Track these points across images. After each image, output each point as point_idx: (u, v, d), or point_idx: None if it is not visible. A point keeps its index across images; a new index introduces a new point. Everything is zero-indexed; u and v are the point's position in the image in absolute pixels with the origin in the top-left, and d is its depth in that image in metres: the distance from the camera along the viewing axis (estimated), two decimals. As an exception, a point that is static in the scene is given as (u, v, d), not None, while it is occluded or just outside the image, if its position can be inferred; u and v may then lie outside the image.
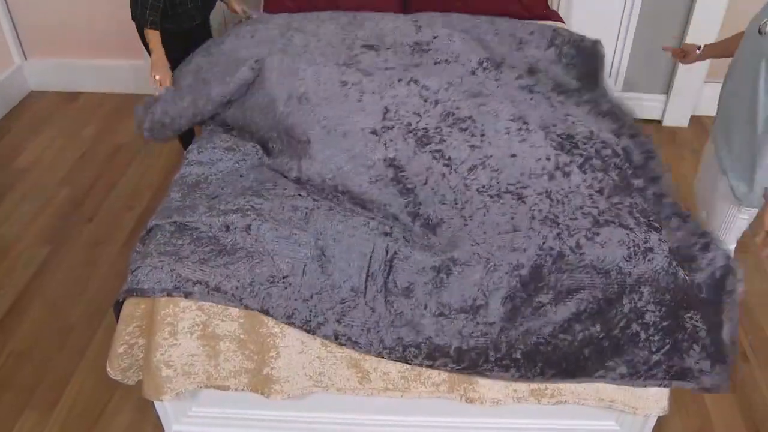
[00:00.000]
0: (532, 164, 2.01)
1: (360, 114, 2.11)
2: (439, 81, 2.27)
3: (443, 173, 1.99)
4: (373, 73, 2.30)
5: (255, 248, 1.83)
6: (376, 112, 2.12)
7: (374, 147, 2.04)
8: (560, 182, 1.97)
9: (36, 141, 3.65)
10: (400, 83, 2.24)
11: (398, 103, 2.16)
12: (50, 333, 2.56)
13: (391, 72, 2.30)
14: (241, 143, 2.22)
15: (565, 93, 2.43)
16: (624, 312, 1.81)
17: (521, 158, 2.02)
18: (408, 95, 2.20)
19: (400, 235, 1.84)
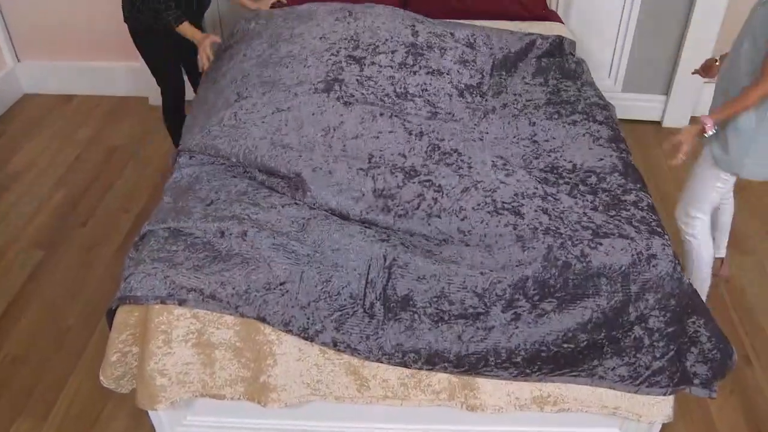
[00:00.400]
0: (524, 187, 2.01)
1: (345, 159, 2.07)
2: (419, 120, 2.25)
3: (435, 198, 1.96)
4: (353, 104, 2.25)
5: (251, 255, 1.80)
6: (362, 158, 2.09)
7: (362, 180, 2.00)
8: (554, 203, 1.95)
9: (30, 144, 3.61)
10: (383, 117, 2.22)
11: (382, 147, 2.12)
12: (46, 336, 2.52)
13: (372, 107, 2.25)
14: (228, 152, 2.18)
15: (556, 110, 2.41)
16: (630, 321, 1.78)
17: (511, 186, 2.01)
18: (392, 130, 2.18)
19: (398, 242, 1.81)
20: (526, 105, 2.44)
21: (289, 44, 2.53)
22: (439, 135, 2.18)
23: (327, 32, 2.56)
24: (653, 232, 1.87)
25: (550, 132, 2.28)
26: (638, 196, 1.99)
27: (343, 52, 2.45)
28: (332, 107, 2.23)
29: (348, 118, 2.20)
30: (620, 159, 2.15)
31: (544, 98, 2.47)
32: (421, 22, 2.65)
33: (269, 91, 2.29)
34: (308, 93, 2.27)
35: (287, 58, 2.44)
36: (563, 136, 2.26)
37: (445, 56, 2.51)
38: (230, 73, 2.50)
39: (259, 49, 2.57)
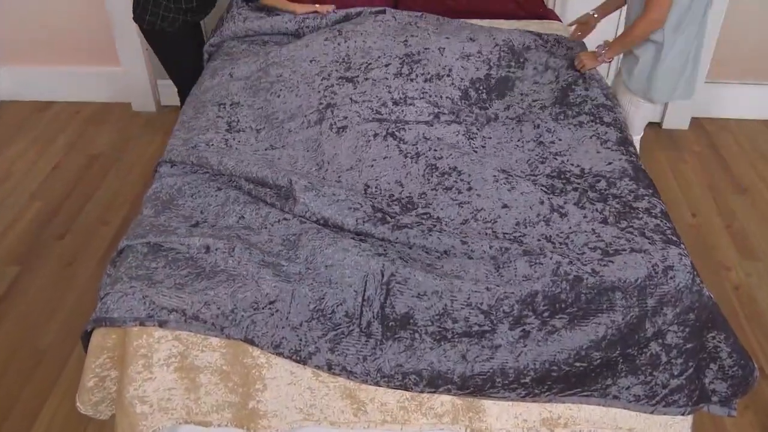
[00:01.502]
0: (526, 213, 1.87)
1: (340, 190, 1.94)
2: (415, 132, 2.13)
3: (432, 225, 1.83)
4: (347, 127, 2.14)
5: (237, 271, 1.66)
6: (357, 190, 1.97)
7: (361, 200, 1.88)
8: (559, 225, 1.82)
9: (6, 153, 3.46)
10: (377, 139, 2.10)
11: (378, 176, 2.01)
12: (21, 358, 2.37)
13: (366, 126, 2.14)
14: (213, 161, 2.04)
15: (562, 110, 2.29)
16: (647, 337, 1.66)
17: (514, 208, 1.88)
18: (387, 155, 2.06)
19: (396, 256, 1.68)
20: (531, 105, 2.32)
21: (279, 67, 2.42)
22: (436, 153, 2.05)
23: (317, 54, 2.46)
24: (668, 241, 1.75)
25: (556, 134, 2.16)
26: (651, 203, 1.88)
27: (334, 75, 2.34)
28: (326, 139, 2.13)
29: (341, 149, 2.10)
30: (630, 162, 2.03)
31: (551, 98, 2.35)
32: (413, 34, 2.52)
33: (263, 129, 2.20)
34: (301, 128, 2.19)
35: (278, 84, 2.33)
36: (569, 138, 2.14)
37: (444, 54, 2.39)
38: (215, 92, 2.39)
39: (247, 69, 2.47)
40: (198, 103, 2.37)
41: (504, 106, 2.32)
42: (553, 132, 2.17)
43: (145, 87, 3.69)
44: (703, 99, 3.68)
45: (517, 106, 2.32)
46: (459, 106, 2.28)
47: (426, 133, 2.12)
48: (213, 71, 2.52)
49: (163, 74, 3.29)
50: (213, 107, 2.30)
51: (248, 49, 2.70)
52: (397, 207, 1.90)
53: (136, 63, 3.61)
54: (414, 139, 2.10)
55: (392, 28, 2.57)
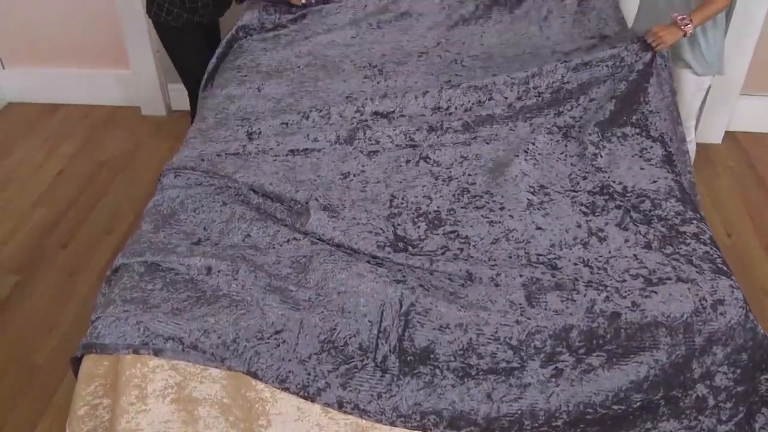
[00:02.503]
0: (562, 235, 1.71)
1: (363, 204, 1.83)
2: (452, 153, 2.00)
3: (461, 248, 1.68)
4: (379, 152, 2.03)
5: (241, 296, 1.51)
6: (382, 201, 1.83)
7: (384, 223, 1.75)
8: (597, 249, 1.66)
9: (11, 156, 3.34)
10: (408, 165, 1.97)
11: (405, 188, 1.88)
12: (11, 376, 2.24)
13: (399, 153, 2.02)
14: (221, 170, 1.90)
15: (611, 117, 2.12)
16: (693, 378, 1.49)
17: (549, 231, 1.72)
18: (417, 176, 1.93)
19: (416, 283, 1.52)
20: (585, 111, 2.15)
21: (313, 98, 2.28)
22: (470, 178, 1.91)
23: (354, 90, 2.31)
24: (718, 271, 1.58)
25: (600, 146, 2.01)
26: (699, 227, 1.71)
27: (369, 108, 2.18)
28: (354, 159, 2.01)
29: (370, 168, 1.98)
30: (676, 182, 1.86)
31: (607, 110, 2.15)
32: (458, 73, 2.36)
33: (287, 135, 2.07)
34: (329, 141, 2.06)
35: (309, 111, 2.19)
36: (612, 152, 1.98)
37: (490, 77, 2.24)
38: (241, 105, 2.26)
39: (277, 92, 2.33)
40: (220, 112, 2.24)
41: (553, 112, 2.17)
42: (597, 143, 2.01)
43: (155, 91, 3.56)
44: (738, 112, 3.50)
45: (567, 113, 2.16)
46: (504, 117, 2.13)
47: (463, 152, 2.00)
48: (240, 80, 2.39)
49: (174, 78, 3.16)
50: (236, 120, 2.18)
51: (272, 53, 2.56)
52: (423, 224, 1.75)
53: (146, 66, 3.49)
54: (449, 160, 1.98)
55: (436, 66, 2.42)
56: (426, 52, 2.53)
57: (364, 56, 2.52)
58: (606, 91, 2.17)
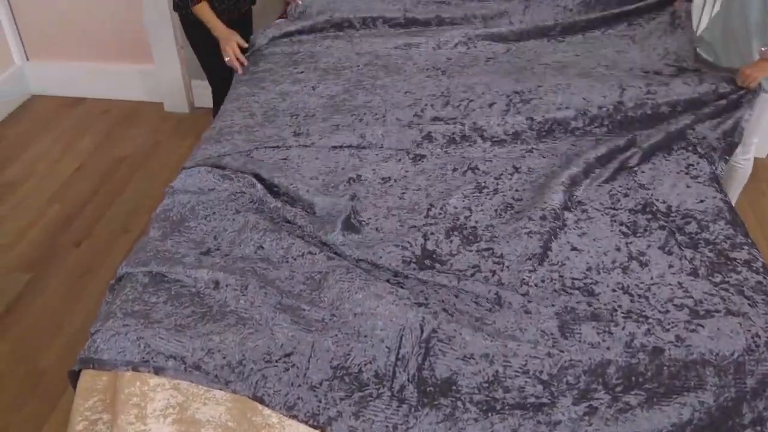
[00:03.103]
0: (600, 258, 1.57)
1: (398, 212, 1.72)
2: (504, 165, 1.87)
3: (493, 270, 1.55)
4: (426, 157, 1.92)
5: (249, 314, 1.40)
6: (418, 210, 1.72)
7: (413, 235, 1.63)
8: (638, 275, 1.52)
9: (30, 150, 3.29)
10: (455, 173, 1.85)
11: (446, 198, 1.75)
12: (16, 379, 2.16)
13: (447, 159, 1.91)
14: (240, 173, 1.79)
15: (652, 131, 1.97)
16: (743, 423, 1.34)
17: (585, 253, 1.59)
18: (461, 185, 1.80)
19: (439, 308, 1.39)
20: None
21: (370, 94, 2.19)
22: (517, 193, 1.78)
23: (414, 88, 2.21)
24: (774, 304, 1.43)
25: (645, 161, 1.87)
26: (751, 254, 1.56)
27: (429, 112, 2.07)
28: (399, 161, 1.91)
29: (413, 173, 1.88)
30: (725, 202, 1.71)
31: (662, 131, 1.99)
32: (528, 78, 2.21)
33: (334, 132, 1.98)
34: (377, 142, 1.97)
35: (363, 109, 2.10)
36: (655, 166, 1.84)
37: (560, 95, 2.10)
38: (292, 102, 2.18)
39: (333, 88, 2.24)
40: (271, 108, 2.16)
41: (607, 127, 2.02)
42: (641, 156, 1.87)
43: (179, 87, 3.48)
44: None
45: (627, 125, 2.02)
46: (566, 131, 2.00)
47: (516, 164, 1.87)
48: (295, 79, 2.31)
49: (198, 74, 3.08)
50: (285, 117, 2.11)
51: (332, 49, 2.47)
52: (456, 238, 1.62)
53: (170, 61, 3.41)
54: (499, 172, 1.85)
55: (504, 71, 2.29)
56: (494, 57, 2.41)
57: (428, 58, 2.41)
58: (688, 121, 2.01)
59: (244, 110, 2.17)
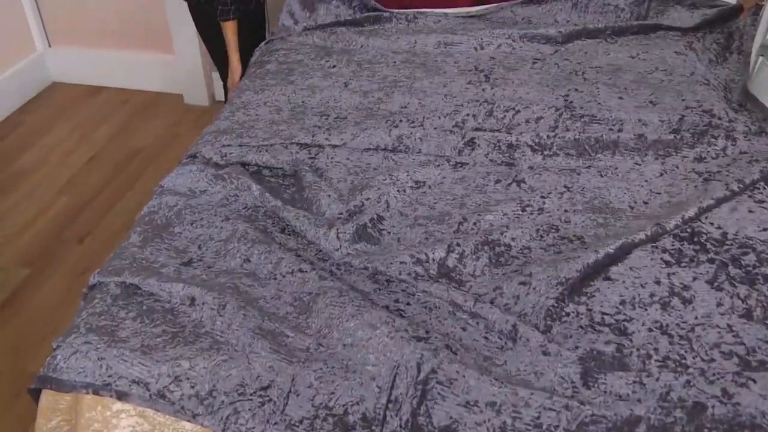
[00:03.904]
0: (636, 291, 1.36)
1: (425, 223, 1.53)
2: (555, 181, 1.65)
3: (516, 295, 1.34)
4: (468, 165, 1.72)
5: (225, 338, 1.23)
6: (448, 223, 1.52)
7: (432, 245, 1.43)
8: (680, 313, 1.31)
9: (46, 138, 3.19)
10: (497, 185, 1.64)
11: (483, 212, 1.54)
12: (8, 378, 2.05)
13: (491, 169, 1.70)
14: (235, 172, 1.62)
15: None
16: (802, 504, 1.12)
17: (620, 283, 1.37)
18: (503, 200, 1.59)
19: (441, 343, 1.20)
20: (734, 161, 1.74)
21: (407, 95, 2.00)
22: (566, 215, 1.54)
23: (455, 93, 2.01)
24: (843, 360, 1.20)
25: (698, 183, 1.64)
26: (817, 296, 1.33)
27: (470, 123, 1.88)
28: (437, 166, 1.71)
29: (450, 180, 1.67)
30: None
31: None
32: (578, 88, 2.00)
33: (368, 131, 1.80)
34: (414, 144, 1.78)
35: (399, 115, 1.91)
36: (711, 185, 1.61)
37: (613, 115, 1.86)
38: (322, 98, 2.02)
39: (367, 86, 2.06)
40: (298, 104, 2.00)
41: (692, 158, 1.75)
42: (692, 178, 1.65)
43: (199, 79, 3.35)
44: None
45: (712, 162, 1.75)
46: (630, 149, 1.77)
47: (569, 182, 1.65)
48: (327, 73, 2.15)
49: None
50: (314, 116, 1.93)
51: (368, 43, 2.32)
52: (485, 256, 1.42)
53: (190, 52, 3.28)
54: (548, 189, 1.63)
55: (552, 76, 2.08)
56: (542, 59, 2.20)
57: (471, 57, 2.22)
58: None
59: (269, 104, 2.01)
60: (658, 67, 2.10)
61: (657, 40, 2.28)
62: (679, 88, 2.00)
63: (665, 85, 2.01)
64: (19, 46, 3.43)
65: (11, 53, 3.40)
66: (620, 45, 2.25)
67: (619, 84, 2.01)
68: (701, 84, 2.01)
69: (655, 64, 2.12)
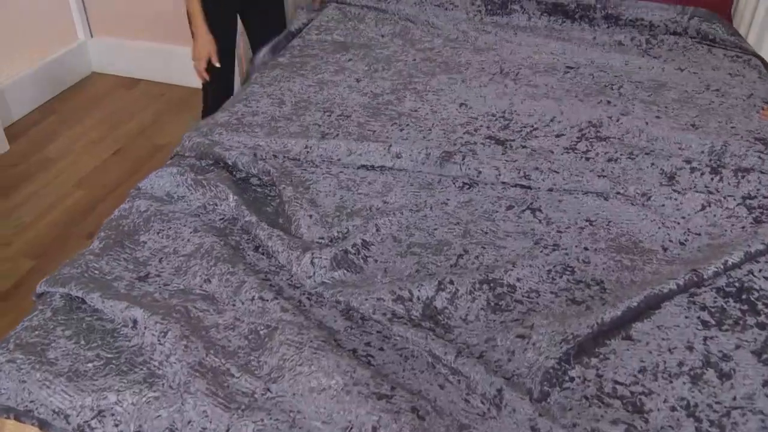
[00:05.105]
0: (661, 356, 1.12)
1: (420, 249, 1.34)
2: (576, 212, 1.43)
3: (512, 350, 1.12)
4: (475, 187, 1.52)
5: (162, 372, 1.06)
6: (446, 255, 1.32)
7: (421, 280, 1.23)
8: (715, 389, 1.06)
9: (76, 128, 3.13)
10: (508, 213, 1.43)
11: (488, 244, 1.34)
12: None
13: (502, 193, 1.50)
14: (216, 179, 1.46)
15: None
16: None
17: (641, 345, 1.13)
18: (513, 232, 1.38)
19: (407, 405, 0.99)
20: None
21: (418, 101, 1.83)
22: (585, 254, 1.32)
23: (471, 99, 1.83)
24: None
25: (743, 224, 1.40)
26: None
27: (483, 131, 1.69)
28: (439, 189, 1.51)
29: (454, 204, 1.46)
30: None
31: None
32: (611, 101, 1.79)
33: (366, 142, 1.61)
34: (414, 160, 1.57)
35: (406, 118, 1.74)
36: (762, 231, 1.36)
37: (649, 137, 1.65)
38: (329, 93, 1.88)
39: (380, 84, 1.92)
40: (303, 99, 1.86)
41: (740, 197, 1.50)
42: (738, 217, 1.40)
43: (236, 77, 3.23)
44: None
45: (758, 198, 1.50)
46: (665, 181, 1.54)
47: (592, 214, 1.43)
48: (340, 67, 2.01)
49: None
50: (317, 112, 1.78)
51: (388, 39, 2.18)
52: (482, 298, 1.21)
53: (227, 48, 3.17)
54: (568, 221, 1.41)
55: (584, 88, 1.87)
56: (575, 67, 1.99)
57: (497, 59, 2.03)
58: None
59: (273, 96, 1.87)
60: (710, 85, 1.85)
61: (709, 57, 2.03)
62: (729, 111, 1.74)
63: (713, 107, 1.75)
64: (61, 34, 3.40)
65: (53, 41, 3.37)
66: (666, 60, 2.01)
67: (660, 102, 1.77)
68: (758, 110, 1.75)
69: (705, 83, 1.87)
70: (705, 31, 2.15)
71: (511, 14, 2.31)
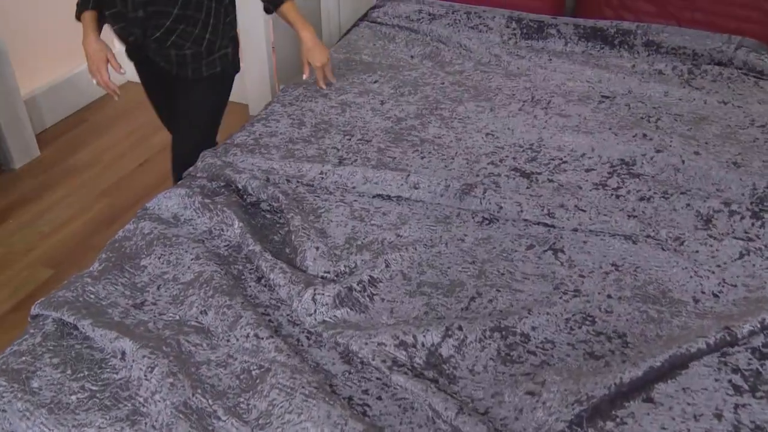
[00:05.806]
0: (686, 424, 1.01)
1: (430, 289, 1.27)
2: (602, 254, 1.34)
3: (519, 408, 1.03)
4: (494, 223, 1.44)
5: (146, 410, 1.01)
6: (458, 298, 1.24)
7: (428, 325, 1.15)
8: None
9: (105, 138, 3.14)
10: (527, 253, 1.35)
11: (503, 288, 1.26)
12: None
13: (522, 231, 1.41)
14: (224, 203, 1.41)
15: None
16: None
17: (666, 409, 1.03)
18: (531, 275, 1.29)
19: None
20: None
21: (443, 127, 1.77)
22: (608, 303, 1.22)
23: (498, 129, 1.76)
24: None
25: None
26: None
27: (509, 162, 1.62)
28: (457, 224, 1.42)
29: (471, 241, 1.38)
30: None
31: None
32: (647, 135, 1.69)
33: (384, 170, 1.55)
34: (432, 192, 1.50)
35: (429, 145, 1.68)
36: None
37: (686, 175, 1.56)
38: (350, 116, 1.83)
39: (405, 108, 1.86)
40: (323, 120, 1.81)
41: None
42: None
43: (266, 90, 3.21)
44: None
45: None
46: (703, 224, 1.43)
47: (618, 258, 1.33)
48: (365, 90, 1.96)
49: (286, 79, 2.79)
50: (337, 135, 1.73)
51: (418, 60, 2.14)
52: (492, 346, 1.12)
53: (258, 62, 3.15)
54: (592, 264, 1.31)
55: (619, 120, 1.79)
56: (611, 97, 1.90)
57: (528, 85, 1.96)
58: None
59: (293, 117, 1.82)
60: (755, 120, 1.74)
61: (755, 90, 1.91)
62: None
63: (758, 145, 1.64)
64: (97, 42, 3.44)
65: (89, 49, 3.40)
66: (708, 91, 1.90)
67: (700, 137, 1.67)
68: None
69: (750, 117, 1.76)
70: (752, 63, 2.03)
71: (548, 38, 2.22)
